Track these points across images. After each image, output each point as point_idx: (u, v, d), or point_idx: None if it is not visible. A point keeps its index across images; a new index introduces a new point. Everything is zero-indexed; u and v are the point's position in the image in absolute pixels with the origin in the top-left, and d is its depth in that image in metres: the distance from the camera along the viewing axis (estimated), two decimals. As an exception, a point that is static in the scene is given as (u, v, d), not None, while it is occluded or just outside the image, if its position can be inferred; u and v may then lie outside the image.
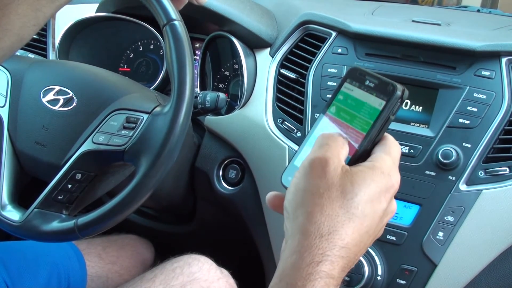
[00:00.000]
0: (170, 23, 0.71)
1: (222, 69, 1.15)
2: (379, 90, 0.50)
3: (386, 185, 0.48)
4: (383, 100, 0.49)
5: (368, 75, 0.51)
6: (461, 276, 0.84)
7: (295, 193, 0.48)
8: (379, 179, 0.47)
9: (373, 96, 0.50)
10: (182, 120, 0.70)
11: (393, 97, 0.49)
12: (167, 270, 0.94)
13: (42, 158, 0.79)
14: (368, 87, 0.51)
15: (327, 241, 0.44)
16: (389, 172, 0.48)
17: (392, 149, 0.50)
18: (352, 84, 0.52)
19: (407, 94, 0.50)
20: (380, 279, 0.87)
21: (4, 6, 0.56)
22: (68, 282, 0.94)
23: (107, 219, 0.71)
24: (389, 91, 0.49)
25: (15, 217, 0.77)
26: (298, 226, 0.46)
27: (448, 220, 0.84)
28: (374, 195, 0.47)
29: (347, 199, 0.46)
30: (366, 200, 0.46)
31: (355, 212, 0.46)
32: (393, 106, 0.49)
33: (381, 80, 0.50)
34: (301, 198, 0.46)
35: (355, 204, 0.46)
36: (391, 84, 0.49)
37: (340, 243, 0.45)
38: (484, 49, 0.87)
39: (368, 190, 0.47)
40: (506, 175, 0.84)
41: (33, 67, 0.86)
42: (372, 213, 0.47)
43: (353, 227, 0.45)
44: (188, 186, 1.14)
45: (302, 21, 1.02)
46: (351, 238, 0.45)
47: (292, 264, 0.45)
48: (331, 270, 0.44)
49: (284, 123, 0.98)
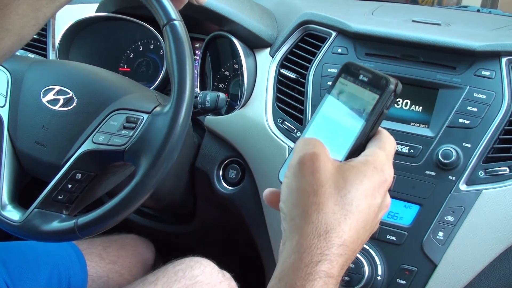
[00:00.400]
0: (170, 23, 0.71)
1: (222, 69, 1.15)
2: (373, 84, 0.50)
3: (379, 180, 0.47)
4: (376, 94, 0.49)
5: (362, 69, 0.51)
6: (461, 276, 0.84)
7: (289, 193, 0.47)
8: (371, 174, 0.47)
9: (367, 90, 0.50)
10: (182, 120, 0.70)
11: (386, 91, 0.49)
12: (169, 273, 0.94)
13: (42, 158, 0.79)
14: (362, 82, 0.51)
15: (325, 240, 0.44)
16: (382, 167, 0.48)
17: (386, 144, 0.50)
18: (346, 79, 0.52)
19: (401, 87, 0.50)
20: (380, 279, 0.87)
21: (4, 6, 0.56)
22: (68, 282, 0.94)
23: (107, 219, 0.71)
24: (382, 85, 0.49)
25: (15, 217, 0.77)
26: (295, 227, 0.45)
27: (448, 220, 0.84)
28: (367, 191, 0.47)
29: (341, 196, 0.45)
30: (360, 196, 0.46)
31: (350, 209, 0.45)
32: (386, 100, 0.49)
33: (375, 74, 0.50)
34: (295, 198, 0.46)
35: (349, 200, 0.45)
36: (384, 78, 0.49)
37: (337, 241, 0.44)
38: (484, 49, 0.87)
39: (361, 185, 0.46)
40: (506, 175, 0.84)
41: (33, 67, 0.86)
42: (367, 209, 0.46)
43: (349, 224, 0.45)
44: (188, 186, 1.14)
45: (302, 21, 1.02)
46: (348, 235, 0.45)
47: (291, 264, 0.44)
48: (330, 269, 0.44)
49: (284, 123, 0.98)
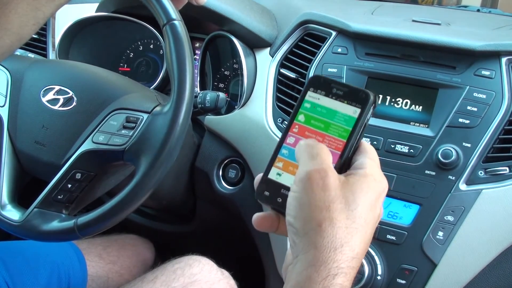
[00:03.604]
0: (170, 22, 0.71)
1: (222, 69, 1.15)
2: (350, 98, 0.50)
3: (379, 191, 0.49)
4: (356, 107, 0.50)
5: (333, 83, 0.52)
6: (461, 275, 0.84)
7: (299, 208, 0.47)
8: (373, 185, 0.48)
9: (344, 103, 0.51)
10: (182, 119, 0.70)
11: (367, 103, 0.50)
12: (168, 271, 0.94)
13: (42, 157, 0.79)
14: (336, 95, 0.51)
15: (341, 253, 0.45)
16: (380, 178, 0.49)
17: (372, 154, 0.51)
18: (317, 92, 0.52)
19: (379, 99, 0.51)
20: (380, 279, 0.87)
21: (3, 5, 0.56)
22: (68, 282, 0.94)
23: (107, 218, 0.71)
24: (362, 98, 0.50)
25: (15, 217, 0.77)
26: (309, 241, 0.46)
27: (448, 220, 0.84)
28: (372, 202, 0.48)
29: (351, 210, 0.46)
30: (367, 209, 0.47)
31: (360, 222, 0.47)
32: (368, 112, 0.50)
33: (351, 88, 0.51)
34: (308, 213, 0.46)
35: (358, 213, 0.47)
36: (363, 92, 0.50)
37: (351, 254, 0.46)
38: (484, 48, 0.87)
39: (367, 198, 0.47)
40: (506, 174, 0.84)
41: (33, 66, 0.86)
42: (372, 220, 0.48)
43: (360, 236, 0.46)
44: (188, 186, 1.14)
45: (302, 21, 1.02)
46: (359, 248, 0.46)
47: (308, 278, 0.45)
48: (345, 282, 0.45)
49: (284, 123, 0.98)
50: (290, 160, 0.51)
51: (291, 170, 0.51)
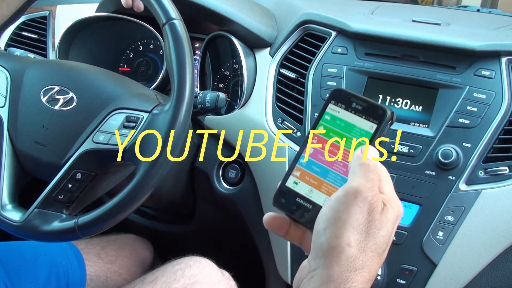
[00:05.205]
0: (170, 22, 0.71)
1: (222, 69, 1.15)
2: (368, 113, 0.51)
3: (398, 216, 0.50)
4: (373, 123, 0.51)
5: (353, 97, 0.52)
6: (461, 275, 0.84)
7: (333, 221, 0.47)
8: (393, 214, 0.49)
9: (362, 118, 0.51)
10: (182, 118, 0.70)
11: (384, 120, 0.51)
12: (168, 272, 0.94)
13: (42, 158, 0.79)
14: (355, 109, 0.52)
15: (360, 275, 0.46)
16: (397, 203, 0.50)
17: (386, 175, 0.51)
18: (337, 105, 0.53)
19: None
20: (380, 279, 0.87)
21: None
22: (67, 282, 0.94)
23: (108, 218, 0.71)
24: (379, 115, 0.51)
25: (15, 217, 0.77)
26: (333, 256, 0.46)
27: (448, 220, 0.84)
28: (392, 229, 0.49)
29: (381, 236, 0.48)
30: (390, 236, 0.49)
31: (382, 247, 0.48)
32: (384, 128, 0.51)
33: (369, 103, 0.52)
34: (341, 230, 0.47)
35: (383, 240, 0.48)
36: (381, 108, 0.51)
37: (368, 277, 0.47)
38: (484, 48, 0.87)
39: (391, 226, 0.49)
40: (506, 174, 0.84)
41: (33, 67, 0.86)
42: (389, 244, 0.49)
43: (378, 261, 0.48)
44: (188, 186, 1.14)
45: (302, 21, 1.02)
46: (375, 271, 0.48)
47: None
48: None
49: (284, 123, 0.98)
50: (307, 170, 0.53)
51: (307, 180, 0.52)
